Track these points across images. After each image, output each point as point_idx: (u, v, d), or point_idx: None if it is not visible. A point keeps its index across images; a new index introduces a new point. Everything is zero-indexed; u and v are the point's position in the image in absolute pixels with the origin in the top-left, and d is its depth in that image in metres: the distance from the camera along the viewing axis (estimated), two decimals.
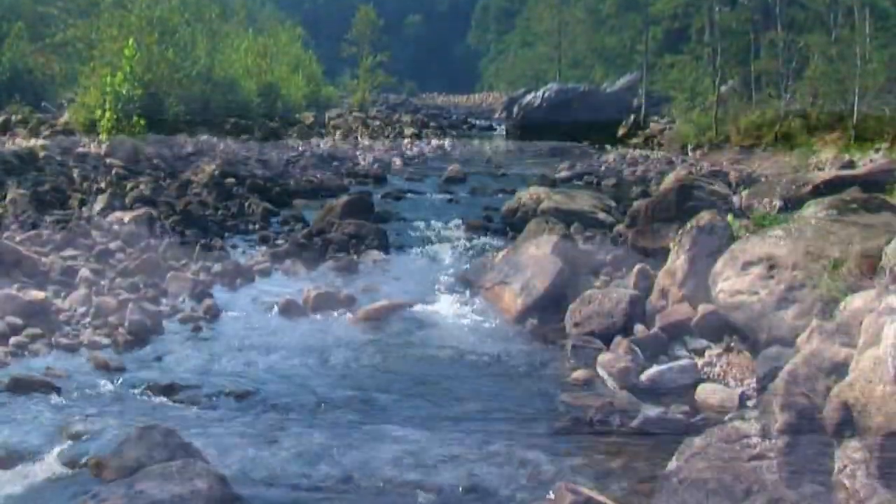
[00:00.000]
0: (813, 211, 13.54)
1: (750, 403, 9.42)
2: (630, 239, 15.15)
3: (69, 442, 8.63)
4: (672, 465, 6.65)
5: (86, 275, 13.61)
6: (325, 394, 10.18)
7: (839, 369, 6.43)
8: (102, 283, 13.60)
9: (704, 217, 12.32)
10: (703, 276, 11.63)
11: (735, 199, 18.38)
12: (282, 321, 12.88)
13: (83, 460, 8.21)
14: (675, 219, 14.13)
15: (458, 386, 10.50)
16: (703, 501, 6.28)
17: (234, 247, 17.23)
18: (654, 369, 10.69)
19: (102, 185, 20.54)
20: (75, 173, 21.35)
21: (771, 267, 10.60)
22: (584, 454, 8.79)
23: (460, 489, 7.91)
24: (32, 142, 23.62)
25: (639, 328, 11.73)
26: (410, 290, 14.58)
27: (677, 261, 12.30)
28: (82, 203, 18.55)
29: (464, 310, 13.47)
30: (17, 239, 15.01)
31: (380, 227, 18.47)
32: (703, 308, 11.55)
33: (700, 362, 10.85)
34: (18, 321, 11.75)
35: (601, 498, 7.49)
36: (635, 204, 16.37)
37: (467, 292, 14.33)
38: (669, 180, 21.40)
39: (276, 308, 13.26)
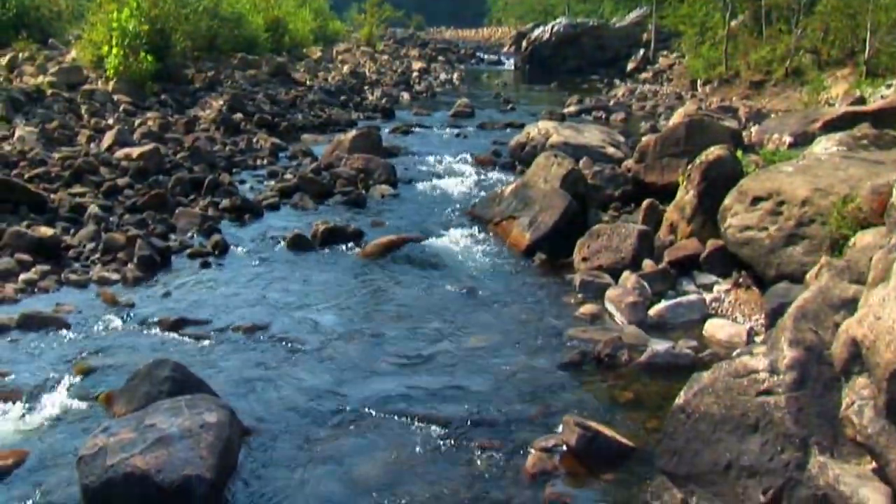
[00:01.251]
0: (823, 147, 13.50)
1: (758, 339, 9.44)
2: (639, 174, 15.08)
3: (79, 377, 8.70)
4: (680, 399, 6.66)
5: (94, 211, 13.62)
6: (334, 328, 10.23)
7: (848, 306, 6.41)
8: (111, 219, 13.62)
9: (713, 152, 12.24)
10: (712, 212, 11.59)
11: (744, 134, 18.29)
12: (290, 256, 12.89)
13: (94, 395, 8.29)
14: (683, 154, 14.04)
15: (466, 320, 10.53)
16: (711, 436, 6.31)
17: (243, 182, 17.22)
18: (662, 304, 10.71)
19: (110, 121, 20.47)
20: (83, 110, 21.28)
21: (780, 203, 10.56)
22: (592, 388, 8.84)
23: (468, 423, 7.97)
24: (40, 79, 23.50)
25: (647, 263, 11.72)
26: (419, 224, 14.58)
27: (686, 196, 12.26)
28: (90, 139, 18.50)
29: (472, 244, 13.47)
30: (26, 176, 15.00)
31: (388, 161, 18.42)
32: (711, 243, 11.55)
33: (708, 297, 10.86)
34: (28, 258, 11.79)
35: (608, 432, 7.54)
36: (644, 139, 16.26)
37: (475, 227, 14.32)
38: (678, 115, 21.34)
39: (284, 243, 13.27)
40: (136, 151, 16.96)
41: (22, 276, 11.36)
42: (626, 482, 7.10)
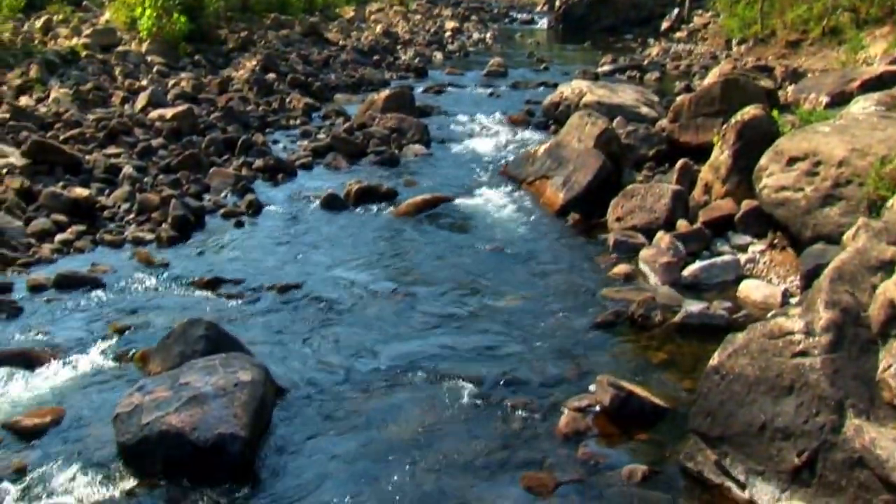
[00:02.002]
0: (860, 107, 13.32)
1: (793, 301, 9.37)
2: (673, 133, 14.96)
3: (115, 336, 8.78)
4: (714, 360, 6.63)
5: (129, 172, 13.67)
6: (367, 287, 10.25)
7: (886, 267, 6.35)
8: (145, 179, 13.67)
9: (749, 112, 12.12)
10: (747, 172, 11.48)
11: (780, 94, 18.10)
12: (323, 215, 12.90)
13: (129, 354, 8.36)
14: (718, 113, 13.90)
15: (499, 279, 10.52)
16: (745, 397, 6.29)
17: (276, 142, 17.21)
18: (696, 265, 10.65)
19: (144, 82, 20.51)
20: (117, 71, 21.33)
21: (816, 163, 10.43)
22: (625, 349, 8.83)
23: (501, 382, 7.98)
24: (74, 41, 23.56)
25: (681, 223, 11.65)
26: (452, 183, 14.53)
27: (721, 156, 12.15)
28: (124, 101, 18.56)
29: (505, 204, 13.43)
30: (61, 137, 15.07)
31: (421, 121, 18.33)
32: (746, 204, 11.45)
33: (743, 258, 10.79)
34: (64, 218, 11.88)
35: (642, 392, 7.53)
36: (678, 98, 16.10)
37: (509, 186, 14.26)
38: (713, 75, 21.10)
39: (317, 202, 13.28)
40: (169, 112, 17.00)
41: (58, 237, 11.46)
42: (660, 443, 7.10)
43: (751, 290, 9.96)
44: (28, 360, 8.23)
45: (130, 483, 6.49)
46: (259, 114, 19.07)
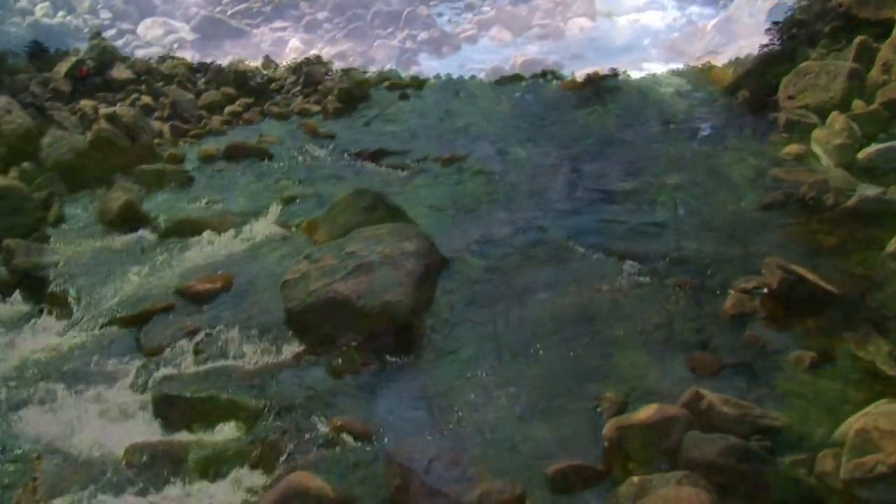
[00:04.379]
0: None
1: None
2: (851, 8, 14.31)
3: (283, 205, 8.95)
4: (891, 247, 6.36)
5: (295, 45, 13.83)
6: (532, 160, 10.17)
7: None
8: (311, 52, 13.77)
9: None
10: None
11: None
12: (489, 88, 12.80)
13: (296, 223, 8.50)
14: None
15: (666, 156, 10.29)
16: None
17: (440, 15, 17.15)
18: (872, 148, 10.17)
19: None
20: None
21: None
22: (795, 231, 8.55)
23: (666, 260, 7.84)
24: None
25: (857, 104, 11.14)
26: (618, 57, 14.26)
27: None
28: None
29: (673, 79, 13.09)
30: (229, 13, 15.29)
31: None
32: None
33: None
34: (232, 91, 12.10)
35: (812, 277, 7.28)
36: None
37: (677, 61, 13.91)
38: None
39: (482, 75, 13.19)
40: None
41: (227, 109, 11.71)
42: (829, 329, 6.84)
43: None
44: (199, 228, 8.47)
45: (297, 348, 6.66)
46: None
